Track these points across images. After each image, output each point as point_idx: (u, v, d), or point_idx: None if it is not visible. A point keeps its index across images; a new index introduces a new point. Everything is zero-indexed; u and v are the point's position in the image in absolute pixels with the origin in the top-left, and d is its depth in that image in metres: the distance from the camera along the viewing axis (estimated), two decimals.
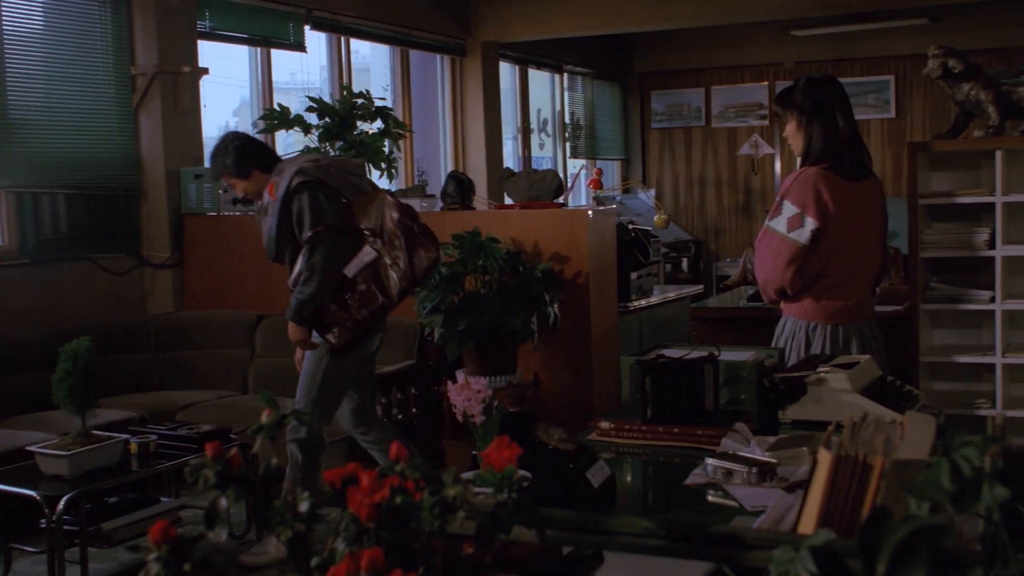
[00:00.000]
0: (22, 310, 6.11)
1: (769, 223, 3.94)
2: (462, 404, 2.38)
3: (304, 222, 4.51)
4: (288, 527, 1.22)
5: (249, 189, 4.77)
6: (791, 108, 3.98)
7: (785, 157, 12.24)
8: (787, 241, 3.89)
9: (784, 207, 3.90)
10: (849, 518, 1.63)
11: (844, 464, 1.65)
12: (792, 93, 3.99)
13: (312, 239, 4.50)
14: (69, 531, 4.28)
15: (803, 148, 3.98)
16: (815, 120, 3.93)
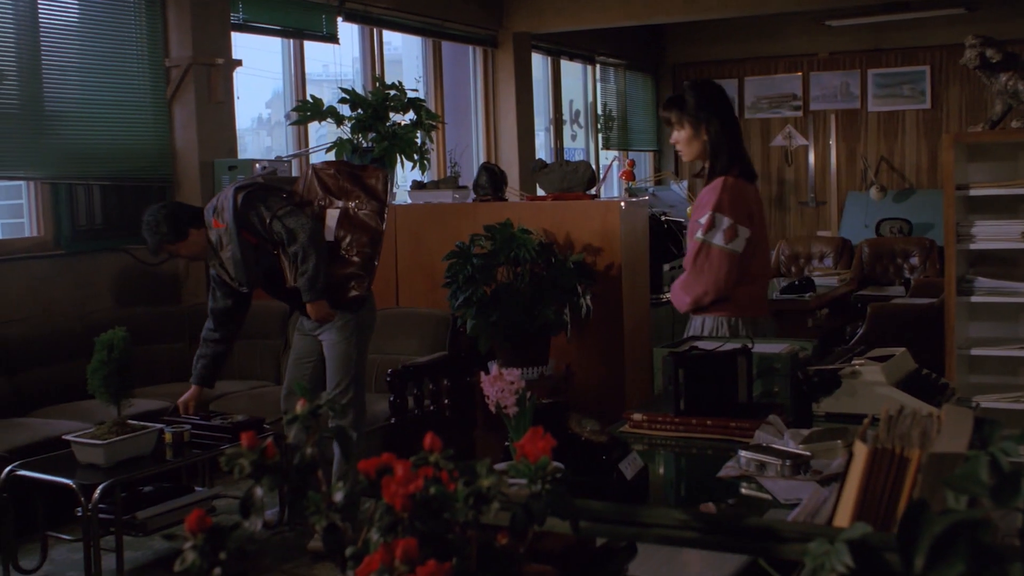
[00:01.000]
0: (57, 301, 6.16)
1: (705, 237, 3.95)
2: (495, 395, 2.37)
3: (266, 220, 4.65)
4: (323, 517, 1.22)
5: (194, 249, 4.81)
6: (686, 115, 4.04)
7: (819, 149, 12.17)
8: (726, 252, 3.95)
9: (718, 220, 3.94)
10: (885, 512, 1.62)
11: (881, 457, 1.63)
12: (684, 100, 4.06)
13: (284, 223, 4.65)
14: (104, 519, 4.32)
15: (706, 155, 4.05)
16: (715, 127, 4.01)
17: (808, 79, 12.24)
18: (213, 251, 4.76)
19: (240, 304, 4.92)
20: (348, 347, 4.83)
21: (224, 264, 4.75)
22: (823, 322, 8.19)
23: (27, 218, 6.33)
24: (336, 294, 4.77)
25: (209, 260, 4.85)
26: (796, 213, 12.44)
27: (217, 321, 4.92)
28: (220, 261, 4.75)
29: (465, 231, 5.72)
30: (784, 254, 10.41)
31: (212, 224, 4.73)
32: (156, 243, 4.77)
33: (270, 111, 8.94)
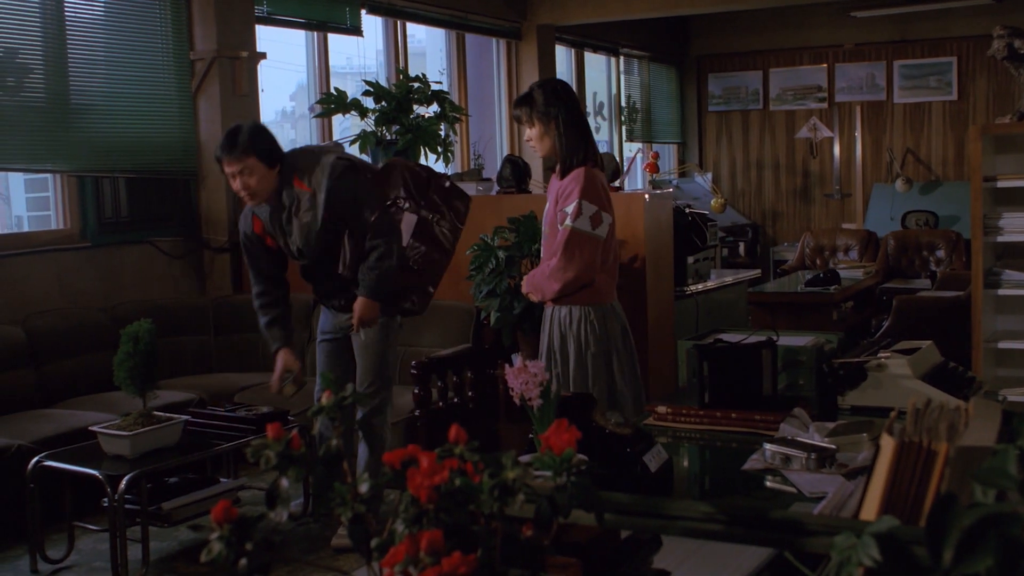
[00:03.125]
0: (83, 293, 6.20)
1: (575, 225, 4.10)
2: (519, 387, 2.37)
3: (362, 205, 4.42)
4: (348, 508, 1.23)
5: (263, 185, 4.36)
6: (536, 112, 4.21)
7: (844, 141, 12.10)
8: (593, 238, 4.13)
9: (584, 207, 4.10)
10: (912, 505, 1.61)
11: (908, 450, 1.62)
12: (533, 98, 4.23)
13: (376, 213, 4.45)
14: (130, 510, 4.35)
15: (560, 149, 4.20)
16: (566, 123, 4.19)
17: (833, 71, 12.17)
18: (278, 208, 4.41)
19: (284, 266, 4.65)
20: (384, 348, 4.66)
21: (289, 227, 4.41)
22: (848, 315, 8.15)
23: (54, 211, 6.37)
24: (390, 299, 4.61)
25: (263, 214, 4.46)
26: (821, 205, 12.38)
27: (272, 283, 4.61)
28: (283, 222, 4.41)
29: (489, 223, 5.72)
30: (809, 246, 10.37)
31: (293, 182, 4.40)
32: (245, 146, 4.28)
33: (294, 104, 8.96)
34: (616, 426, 2.40)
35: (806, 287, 8.00)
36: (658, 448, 2.42)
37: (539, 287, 4.24)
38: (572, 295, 4.19)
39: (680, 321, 6.02)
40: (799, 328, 5.36)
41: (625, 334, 4.31)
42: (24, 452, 4.72)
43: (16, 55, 5.82)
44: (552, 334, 4.24)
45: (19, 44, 5.83)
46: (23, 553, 4.65)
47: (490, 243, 5.50)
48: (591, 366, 4.18)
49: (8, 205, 6.99)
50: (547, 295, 4.22)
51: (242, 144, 4.29)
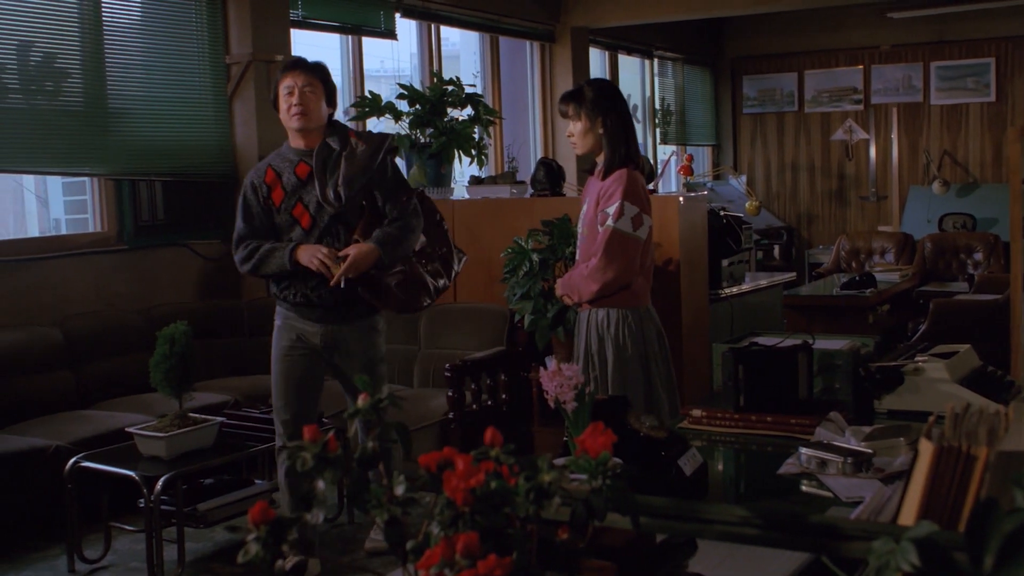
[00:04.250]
0: (120, 295, 6.25)
1: (615, 224, 4.12)
2: (554, 390, 2.37)
3: (399, 183, 4.31)
4: (384, 510, 1.23)
5: (318, 114, 4.21)
6: (584, 108, 4.22)
7: (880, 143, 12.02)
8: (634, 239, 4.15)
9: (626, 208, 4.11)
10: (951, 511, 1.59)
11: (947, 455, 1.61)
12: (582, 93, 4.24)
13: (413, 199, 4.32)
14: (166, 511, 4.38)
15: (599, 148, 4.23)
16: (614, 122, 4.21)
17: (869, 72, 12.09)
18: (324, 150, 4.18)
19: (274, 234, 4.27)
20: (379, 352, 4.43)
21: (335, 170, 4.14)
22: (884, 318, 8.10)
23: (91, 214, 6.43)
24: (408, 293, 4.29)
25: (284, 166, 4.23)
26: (857, 208, 12.30)
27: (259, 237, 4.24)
28: (325, 164, 4.15)
29: (523, 226, 5.72)
30: (844, 249, 10.31)
31: (349, 133, 4.26)
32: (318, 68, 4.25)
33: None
34: (651, 429, 2.39)
35: (842, 290, 7.96)
36: (693, 452, 2.41)
37: (576, 288, 4.23)
38: (609, 297, 4.19)
39: (715, 324, 6.00)
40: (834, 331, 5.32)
41: (660, 337, 4.31)
42: (62, 453, 4.77)
43: (54, 60, 5.88)
44: (589, 337, 4.24)
45: (57, 49, 5.89)
46: (60, 553, 4.69)
47: (524, 246, 5.50)
48: (629, 369, 4.18)
49: (46, 208, 7.06)
50: (584, 296, 4.21)
51: (317, 65, 4.28)
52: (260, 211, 4.24)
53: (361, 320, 4.31)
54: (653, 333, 4.28)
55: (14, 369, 5.44)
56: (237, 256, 4.27)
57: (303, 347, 4.30)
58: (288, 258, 4.12)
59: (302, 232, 4.18)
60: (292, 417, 4.30)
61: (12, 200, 7.03)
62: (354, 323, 4.29)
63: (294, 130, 4.22)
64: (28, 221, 7.12)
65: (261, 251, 4.18)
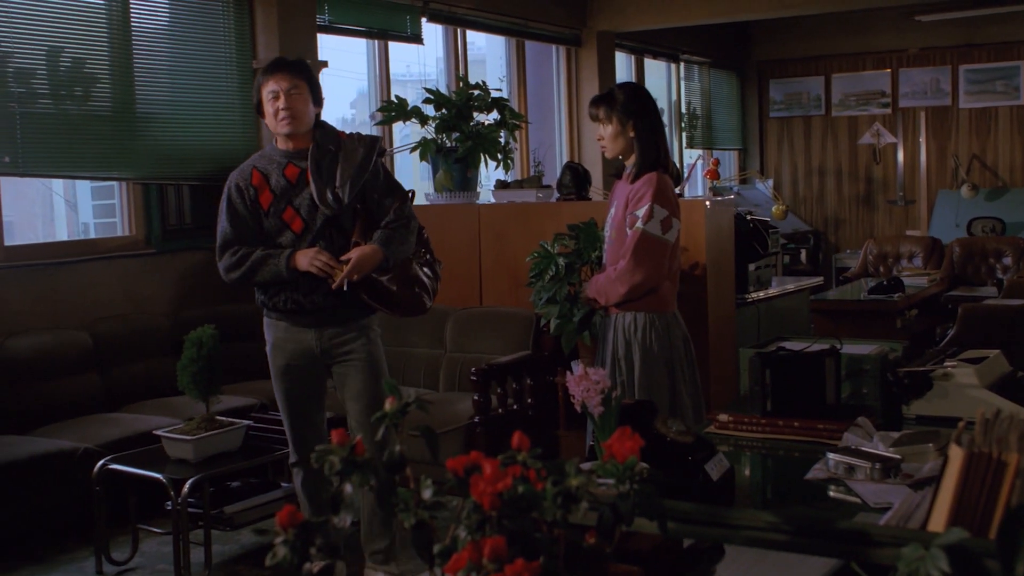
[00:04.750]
0: (148, 298, 6.28)
1: (646, 227, 4.12)
2: (581, 395, 2.37)
3: (393, 185, 4.12)
4: (412, 514, 1.23)
5: (305, 117, 4.00)
6: (615, 111, 4.22)
7: (908, 147, 11.95)
8: (663, 242, 4.16)
9: (656, 211, 4.11)
10: (982, 517, 1.58)
11: (977, 461, 1.60)
12: (614, 96, 4.24)
13: (408, 201, 4.12)
14: (193, 513, 4.40)
15: (629, 152, 4.24)
16: (645, 127, 4.22)
17: (897, 76, 12.03)
18: (319, 151, 3.98)
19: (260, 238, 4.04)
20: (382, 354, 4.21)
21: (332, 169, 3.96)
22: (912, 323, 8.04)
23: (119, 217, 6.47)
24: (412, 294, 4.12)
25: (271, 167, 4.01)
26: (884, 212, 12.24)
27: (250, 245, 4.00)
28: (320, 165, 3.95)
29: (549, 230, 5.72)
30: (872, 254, 10.25)
31: (339, 133, 4.07)
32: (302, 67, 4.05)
33: (354, 111, 9.03)
34: (677, 434, 2.38)
35: (869, 295, 7.91)
36: (720, 457, 2.40)
37: (603, 291, 4.23)
38: (636, 301, 4.19)
39: (741, 329, 5.98)
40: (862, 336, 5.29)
41: (686, 343, 4.31)
42: (90, 455, 4.80)
43: (83, 65, 5.92)
44: (616, 342, 4.23)
45: (86, 55, 5.93)
46: (89, 555, 4.72)
47: (550, 250, 5.50)
48: (655, 374, 4.17)
49: (75, 212, 7.11)
50: (611, 299, 4.21)
51: (299, 65, 4.07)
52: (247, 214, 4.00)
53: (356, 321, 4.08)
54: (680, 338, 4.27)
55: (43, 372, 5.48)
56: (223, 263, 4.01)
57: (300, 363, 4.07)
58: (285, 265, 3.90)
59: (293, 236, 3.97)
60: (297, 436, 4.16)
61: (41, 204, 7.08)
62: (349, 325, 4.06)
63: (282, 135, 4.01)
64: (57, 225, 7.17)
65: (253, 258, 3.95)
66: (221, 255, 4.02)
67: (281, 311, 4.04)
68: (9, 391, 5.35)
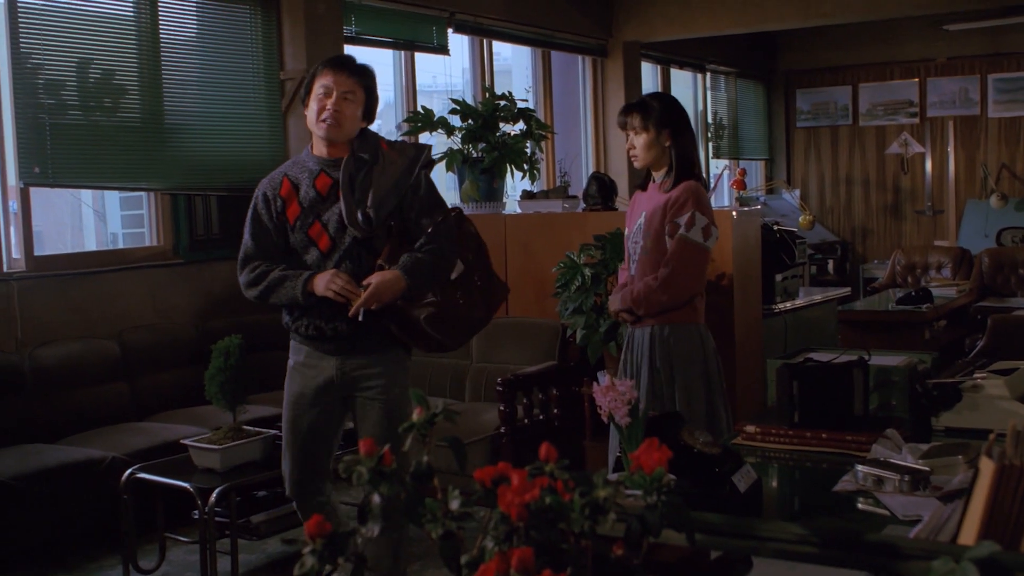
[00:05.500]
0: (176, 308, 6.31)
1: (687, 234, 4.11)
2: (607, 405, 2.36)
3: (433, 202, 3.69)
4: (439, 524, 1.23)
5: (353, 124, 3.62)
6: (653, 121, 4.20)
7: (936, 156, 11.88)
8: (704, 249, 4.18)
9: (698, 218, 4.12)
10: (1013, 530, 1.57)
11: (1008, 474, 1.58)
12: (648, 106, 4.24)
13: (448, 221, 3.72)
14: (220, 522, 4.42)
15: (663, 162, 4.23)
16: (681, 136, 4.23)
17: (925, 85, 11.97)
18: (354, 162, 3.60)
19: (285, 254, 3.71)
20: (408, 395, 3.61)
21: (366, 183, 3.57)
22: (941, 334, 7.99)
23: (147, 228, 6.51)
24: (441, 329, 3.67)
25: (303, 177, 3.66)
26: (912, 222, 12.17)
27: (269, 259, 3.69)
28: (355, 178, 3.57)
29: (575, 240, 5.71)
30: (900, 264, 10.19)
31: (381, 143, 3.69)
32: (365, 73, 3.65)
33: (380, 122, 9.04)
34: (704, 445, 2.37)
35: (897, 305, 7.86)
36: (747, 468, 2.39)
37: (642, 300, 4.18)
38: (671, 312, 4.18)
39: (768, 340, 5.95)
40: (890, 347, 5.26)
41: (716, 354, 4.31)
42: (118, 464, 4.83)
43: (113, 77, 5.97)
44: (654, 354, 4.21)
45: (116, 66, 5.97)
46: (116, 563, 4.74)
47: (576, 260, 5.49)
48: (695, 386, 4.17)
49: (104, 222, 7.17)
50: (652, 308, 4.17)
51: (364, 71, 3.65)
52: (273, 227, 3.66)
53: (383, 352, 3.68)
54: (711, 349, 4.27)
55: (72, 381, 5.52)
56: (242, 278, 3.73)
57: (315, 393, 3.70)
58: (302, 289, 3.55)
59: (319, 255, 3.60)
60: (296, 474, 3.75)
61: (71, 214, 7.14)
62: (373, 355, 3.66)
63: (319, 137, 3.64)
64: (86, 235, 7.23)
65: (271, 277, 3.63)
66: (241, 269, 3.74)
67: (303, 336, 3.70)
68: (39, 400, 5.39)
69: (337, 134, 3.59)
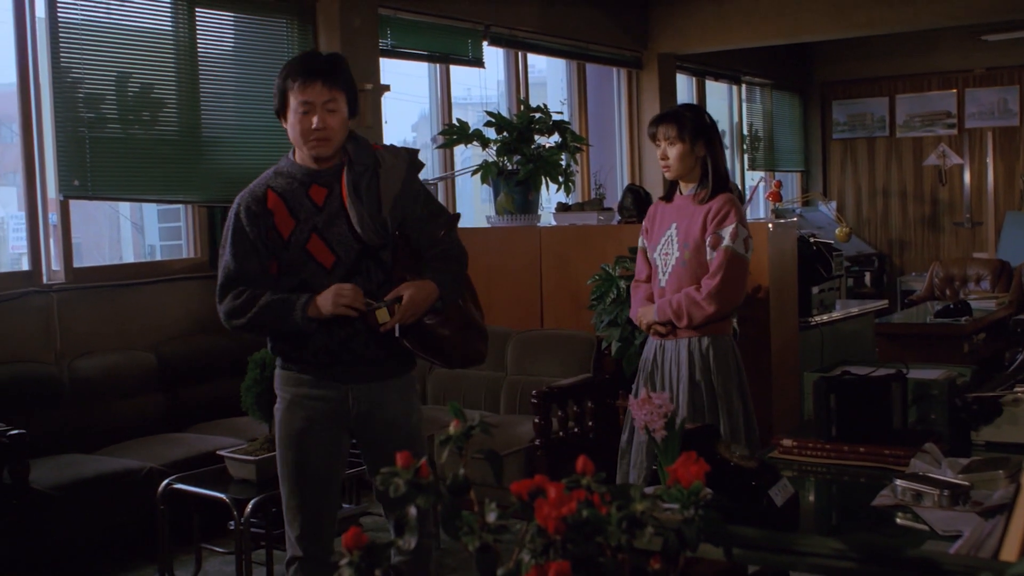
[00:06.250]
0: (212, 320, 6.30)
1: (732, 245, 4.13)
2: (643, 419, 2.35)
3: (437, 208, 3.45)
4: (476, 537, 1.23)
5: (340, 134, 3.28)
6: (689, 132, 4.19)
7: (975, 168, 11.79)
8: (746, 261, 4.20)
9: (740, 230, 4.14)
10: None
11: None
12: (682, 116, 4.23)
13: (454, 221, 3.48)
14: (256, 533, 4.43)
15: (711, 171, 4.21)
16: (714, 147, 4.24)
17: (963, 96, 11.88)
18: (357, 169, 3.27)
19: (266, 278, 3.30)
20: (422, 419, 3.51)
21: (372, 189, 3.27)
22: (980, 347, 7.91)
23: (184, 240, 6.56)
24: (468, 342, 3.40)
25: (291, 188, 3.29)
26: (951, 234, 12.07)
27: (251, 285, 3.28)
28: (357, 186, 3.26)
29: (610, 253, 5.70)
30: (938, 276, 10.11)
31: (372, 146, 3.36)
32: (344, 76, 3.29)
33: (415, 134, 9.08)
34: (741, 459, 2.36)
35: (935, 318, 7.79)
36: (784, 482, 2.37)
37: (686, 312, 4.16)
38: (710, 325, 4.18)
39: (805, 353, 5.92)
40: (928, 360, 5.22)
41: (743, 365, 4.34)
42: (155, 475, 4.86)
43: (151, 90, 6.02)
44: (693, 366, 4.20)
45: (154, 80, 6.03)
46: (152, 573, 4.77)
47: (611, 273, 5.48)
48: (734, 397, 4.17)
49: (142, 235, 7.22)
50: (697, 320, 4.16)
51: (337, 70, 3.27)
52: (260, 245, 3.26)
53: (400, 377, 3.38)
54: (740, 361, 4.29)
55: (110, 392, 5.57)
56: (223, 306, 3.30)
57: (323, 428, 3.30)
58: (302, 314, 3.17)
59: (322, 272, 3.23)
60: (307, 521, 3.32)
61: (109, 227, 7.21)
62: (389, 381, 3.34)
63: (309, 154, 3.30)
64: (124, 247, 7.29)
65: (262, 303, 3.22)
66: (222, 297, 3.31)
67: (306, 362, 3.29)
68: (77, 411, 5.43)
69: (328, 149, 3.26)
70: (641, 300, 4.42)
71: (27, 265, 5.70)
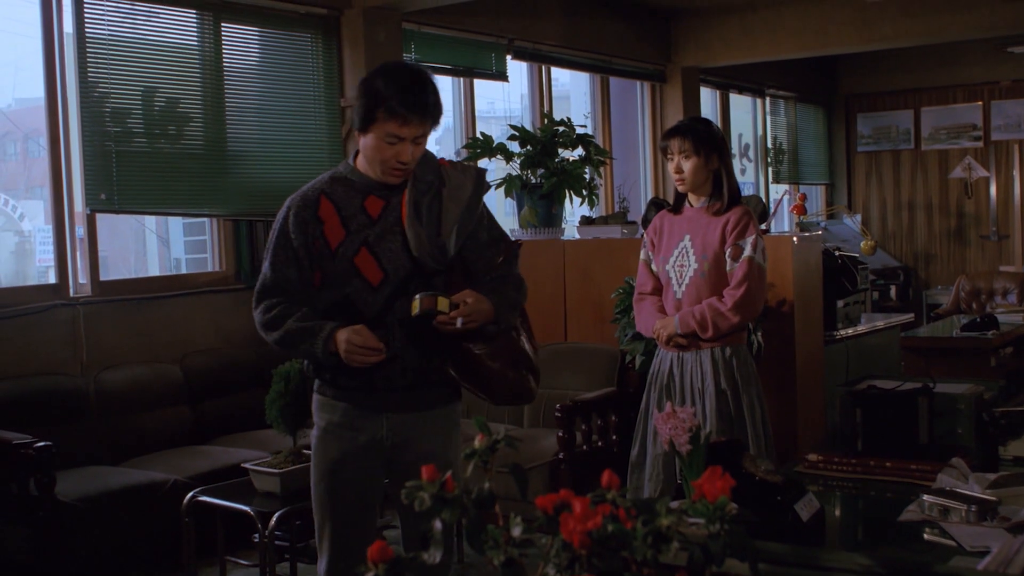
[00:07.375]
0: (237, 333, 6.37)
1: (754, 256, 4.19)
2: (668, 433, 2.35)
3: (499, 230, 3.28)
4: (501, 551, 1.23)
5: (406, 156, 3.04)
6: (704, 145, 4.21)
7: (1001, 181, 11.72)
8: (765, 270, 4.28)
9: (759, 242, 4.21)
10: None
11: None
12: (696, 129, 4.26)
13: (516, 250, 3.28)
14: (280, 546, 4.44)
15: (726, 184, 4.25)
16: (726, 160, 4.29)
17: (989, 108, 11.82)
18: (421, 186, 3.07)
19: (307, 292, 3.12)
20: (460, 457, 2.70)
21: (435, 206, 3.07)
22: (1007, 361, 7.85)
23: (210, 253, 6.60)
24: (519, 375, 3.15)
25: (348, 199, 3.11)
26: (977, 247, 12.00)
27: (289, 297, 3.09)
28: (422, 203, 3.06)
29: (634, 266, 5.67)
30: (964, 290, 10.05)
31: (438, 159, 3.18)
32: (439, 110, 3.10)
33: (439, 148, 9.10)
34: (766, 473, 2.35)
35: (962, 332, 7.74)
36: (810, 496, 2.36)
37: (710, 323, 4.16)
38: (731, 335, 4.23)
39: (830, 366, 5.88)
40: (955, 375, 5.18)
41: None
42: (180, 487, 4.87)
43: (177, 105, 6.07)
44: (719, 376, 4.21)
45: (180, 94, 6.07)
46: None
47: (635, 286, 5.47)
48: (757, 406, 4.20)
49: (167, 248, 7.27)
50: (722, 330, 4.18)
51: (436, 106, 3.08)
52: (304, 254, 3.09)
53: (442, 407, 3.17)
54: (756, 369, 4.35)
55: (136, 404, 5.60)
56: (256, 315, 3.14)
57: (359, 459, 3.12)
58: (323, 347, 2.97)
59: (367, 288, 3.03)
60: (339, 547, 3.16)
61: (135, 240, 7.25)
62: (428, 412, 3.13)
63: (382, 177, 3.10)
64: (150, 261, 7.33)
65: (287, 328, 3.04)
66: (257, 304, 3.14)
67: (340, 388, 3.12)
68: (102, 423, 5.46)
69: (402, 178, 3.08)
70: (652, 312, 4.41)
71: (54, 278, 5.74)
